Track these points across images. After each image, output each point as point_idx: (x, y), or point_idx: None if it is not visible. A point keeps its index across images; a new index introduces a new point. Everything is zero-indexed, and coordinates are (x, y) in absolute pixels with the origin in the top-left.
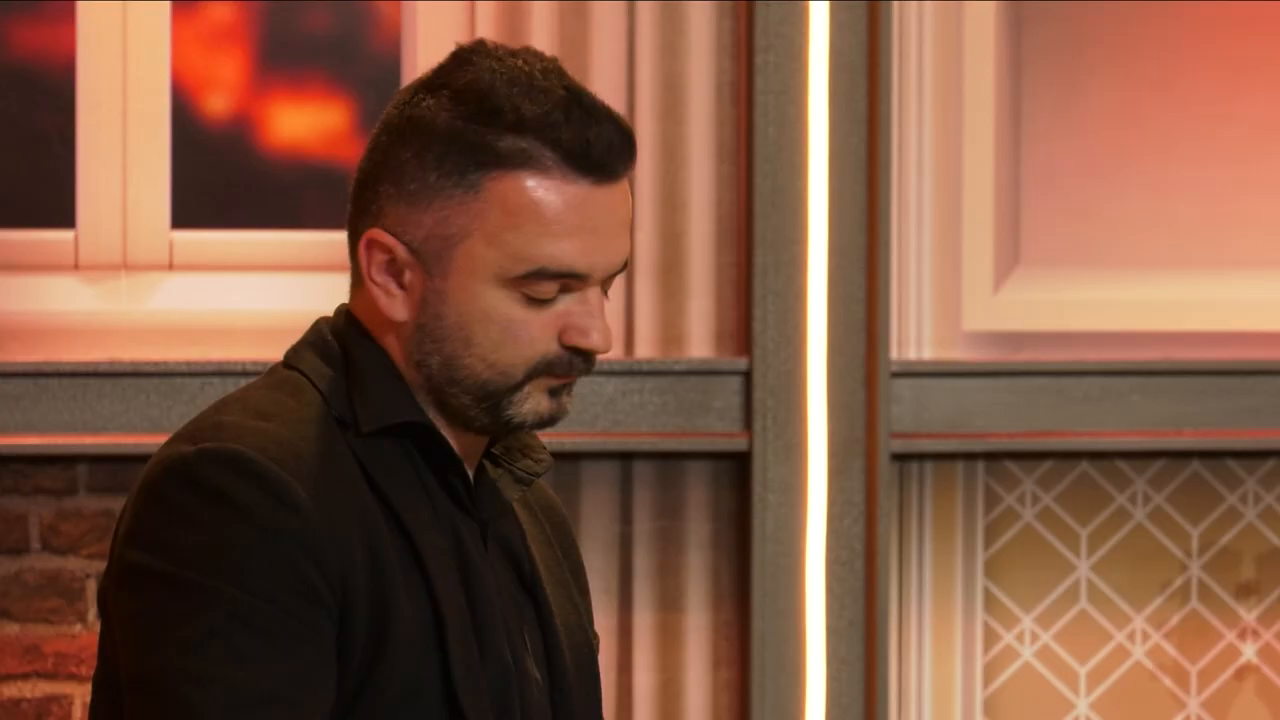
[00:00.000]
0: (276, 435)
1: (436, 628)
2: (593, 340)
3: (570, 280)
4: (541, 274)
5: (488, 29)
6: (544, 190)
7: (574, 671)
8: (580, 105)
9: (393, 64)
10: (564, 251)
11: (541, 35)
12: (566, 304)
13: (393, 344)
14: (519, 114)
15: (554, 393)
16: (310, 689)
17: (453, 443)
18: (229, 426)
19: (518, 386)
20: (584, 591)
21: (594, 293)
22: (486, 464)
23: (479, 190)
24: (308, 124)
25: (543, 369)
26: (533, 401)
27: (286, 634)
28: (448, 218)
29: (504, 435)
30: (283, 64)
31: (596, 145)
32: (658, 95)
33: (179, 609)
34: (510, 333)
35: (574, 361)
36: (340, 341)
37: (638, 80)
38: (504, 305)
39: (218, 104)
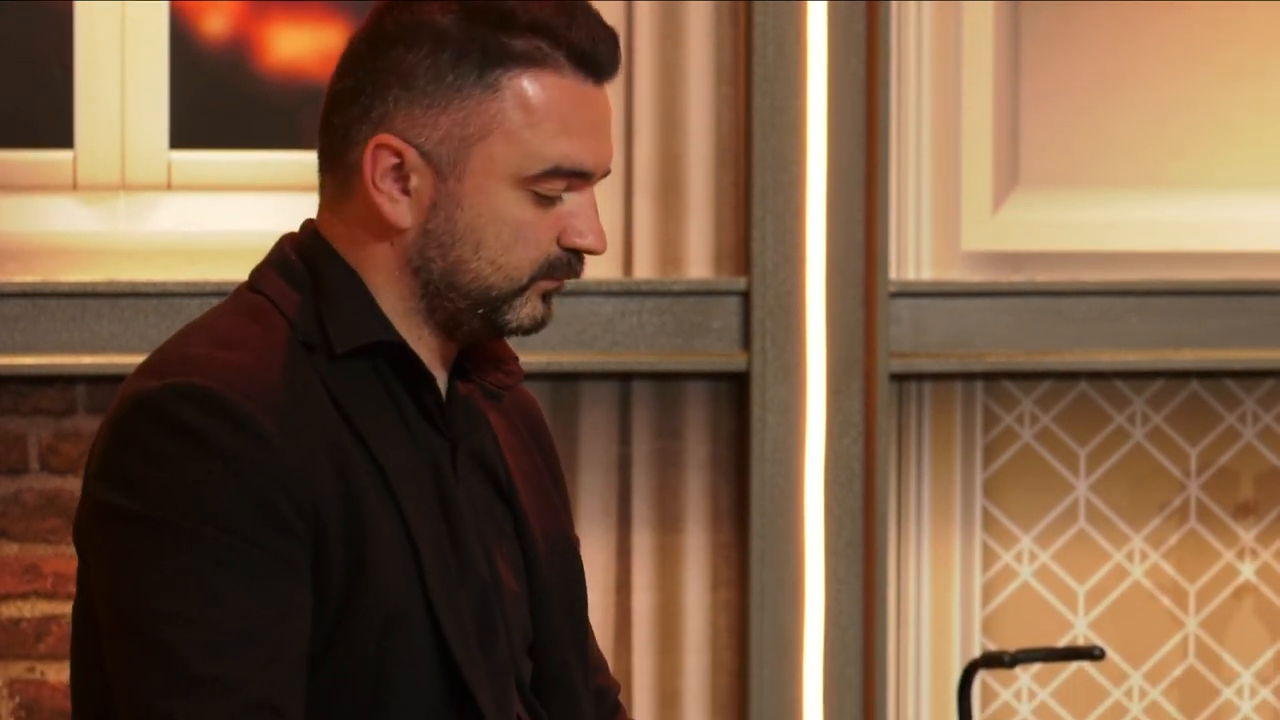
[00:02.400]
0: (242, 365)
1: (412, 552)
2: (590, 241)
3: (576, 179)
4: (556, 172)
5: None
6: (559, 89)
7: (555, 579)
8: (580, 9)
9: None
10: (576, 150)
11: None
12: (567, 205)
13: (381, 254)
14: (530, 15)
15: (546, 297)
16: (288, 623)
17: (426, 357)
18: (194, 359)
19: (521, 290)
20: (562, 493)
21: (590, 193)
22: (458, 382)
23: (497, 90)
24: (306, 44)
25: (545, 271)
26: (530, 306)
27: (260, 569)
28: (466, 118)
29: (490, 340)
30: None
31: (600, 47)
32: (657, 16)
33: (151, 548)
34: (520, 234)
35: (571, 263)
36: (306, 261)
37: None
38: (516, 206)
39: (216, 24)
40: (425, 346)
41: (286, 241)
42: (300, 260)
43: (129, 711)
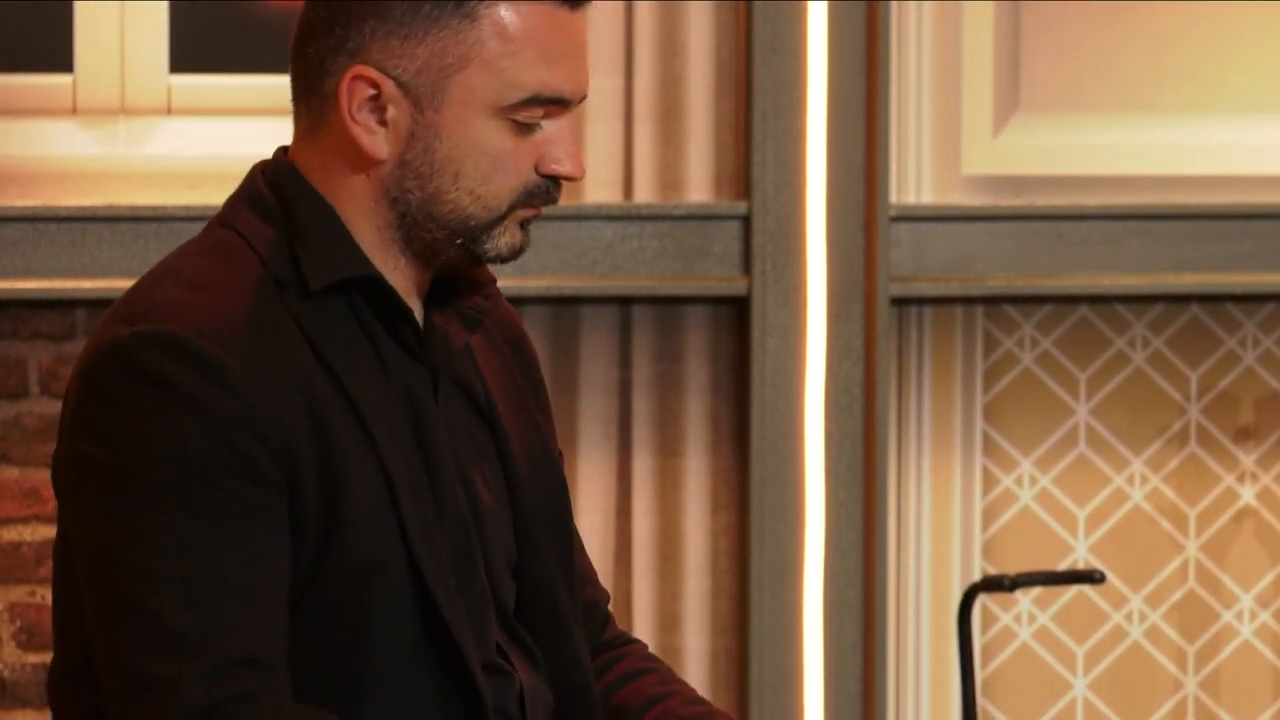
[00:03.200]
0: (212, 309)
1: (389, 494)
2: (568, 167)
3: (554, 107)
4: (534, 100)
5: None
6: (537, 16)
7: (538, 498)
8: None
9: None
10: (554, 77)
11: None
12: (545, 132)
13: (357, 186)
14: None
15: (524, 225)
16: (265, 572)
17: (403, 287)
18: (163, 305)
19: (500, 219)
20: (544, 409)
21: (569, 119)
22: (434, 308)
23: (475, 19)
24: None
25: (524, 199)
26: (509, 234)
27: (235, 518)
28: (444, 48)
29: (468, 269)
30: None
31: None
32: None
33: (125, 501)
34: (499, 164)
35: (549, 189)
36: (279, 194)
37: None
38: (495, 136)
39: None
40: (401, 276)
41: (259, 172)
42: (273, 193)
43: (107, 666)
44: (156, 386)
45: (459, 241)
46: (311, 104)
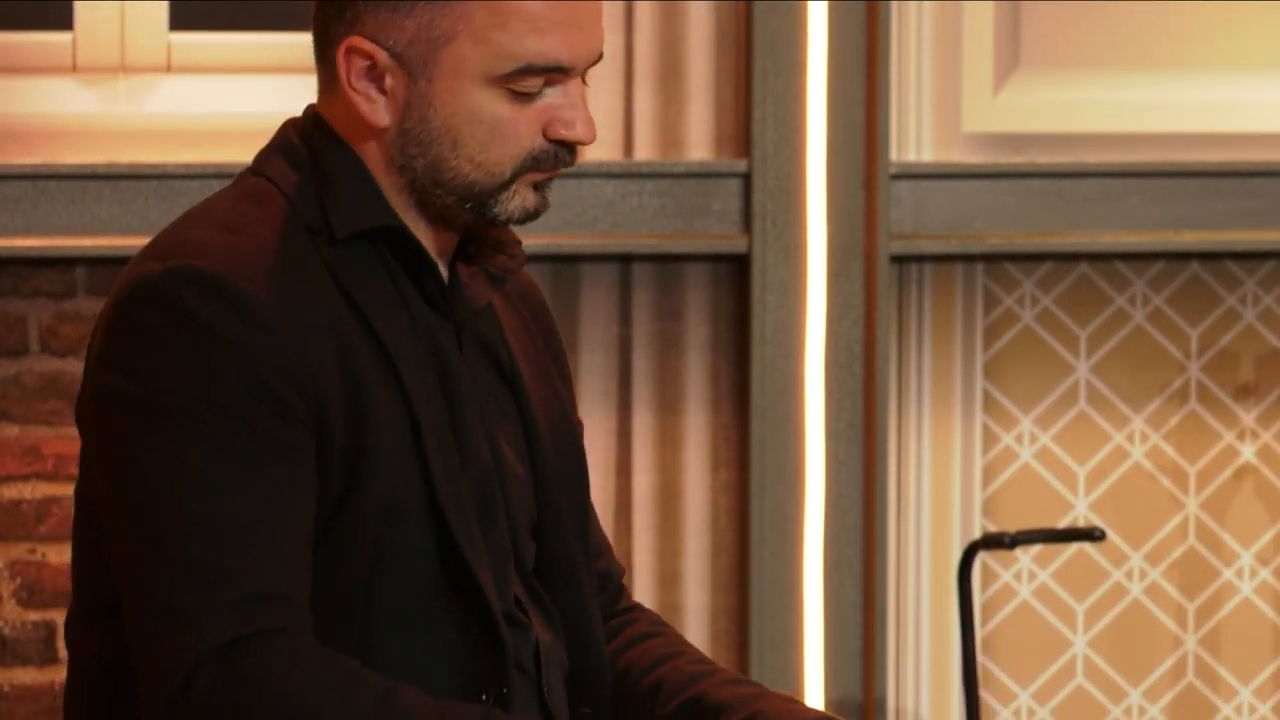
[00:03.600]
0: (244, 249)
1: (415, 438)
2: (577, 131)
3: (554, 74)
4: (528, 70)
5: None
6: None
7: (557, 463)
8: None
9: None
10: (549, 46)
11: None
12: (550, 98)
13: (370, 149)
14: None
15: (538, 187)
16: (291, 509)
17: (426, 244)
18: (196, 243)
19: (505, 185)
20: (565, 378)
21: (575, 84)
22: (460, 265)
23: None
24: None
25: (529, 165)
26: (519, 198)
27: (263, 455)
28: (431, 21)
29: (486, 231)
30: None
31: None
32: None
33: (153, 435)
34: (498, 132)
35: (559, 154)
36: (309, 146)
37: None
38: (490, 104)
39: None
40: (424, 235)
41: (290, 125)
42: (303, 144)
43: (133, 601)
44: (188, 321)
45: (468, 206)
46: (322, 67)
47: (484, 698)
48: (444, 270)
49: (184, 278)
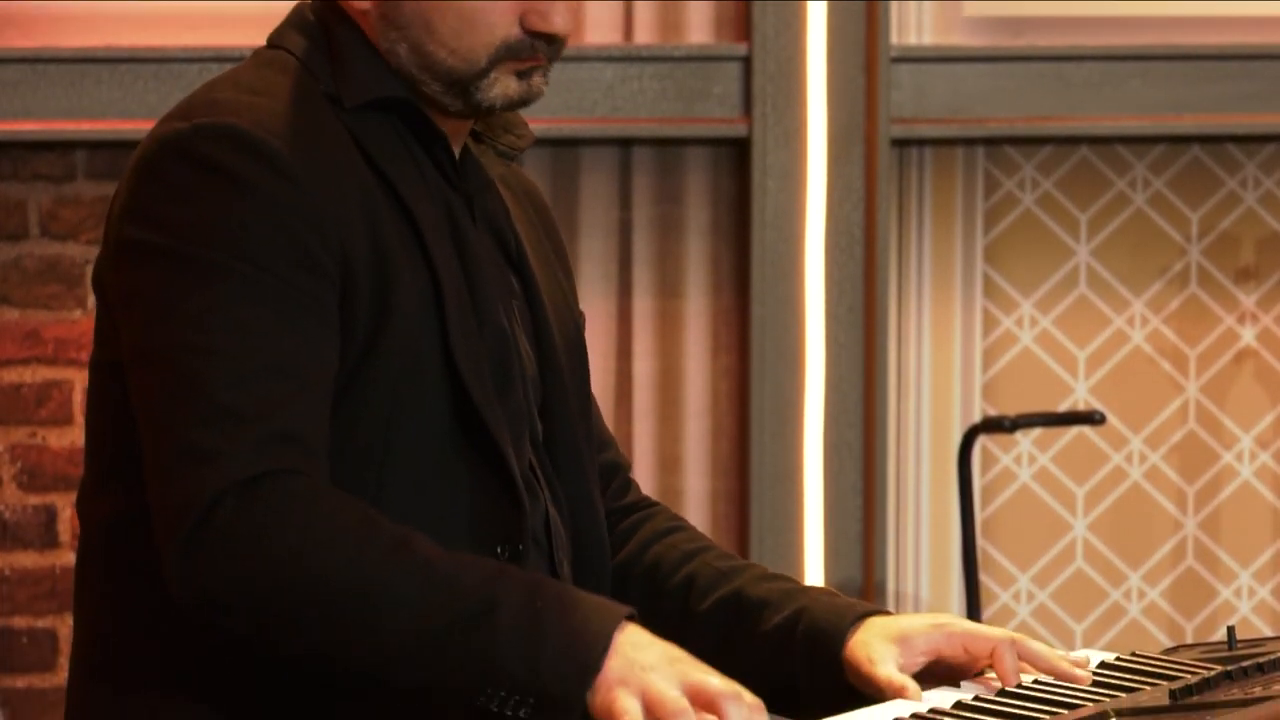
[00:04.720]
0: (271, 109)
1: (435, 297)
2: (553, 23)
3: None
4: None
5: None
6: None
7: (563, 346)
8: None
9: None
10: None
11: None
12: None
13: (369, 29)
14: None
15: (522, 75)
16: (314, 359)
17: (435, 120)
18: (223, 103)
19: (483, 73)
20: (567, 273)
21: None
22: (470, 142)
23: None
24: None
25: (505, 54)
26: (500, 86)
27: (289, 304)
28: None
29: (482, 117)
30: None
31: None
32: None
33: (181, 283)
34: (468, 19)
35: (537, 45)
36: (320, 20)
37: None
38: None
39: None
40: (430, 109)
41: (303, 4)
42: (316, 20)
43: (154, 443)
44: (216, 173)
45: (454, 93)
46: None
47: (499, 552)
48: (455, 147)
49: (213, 133)
